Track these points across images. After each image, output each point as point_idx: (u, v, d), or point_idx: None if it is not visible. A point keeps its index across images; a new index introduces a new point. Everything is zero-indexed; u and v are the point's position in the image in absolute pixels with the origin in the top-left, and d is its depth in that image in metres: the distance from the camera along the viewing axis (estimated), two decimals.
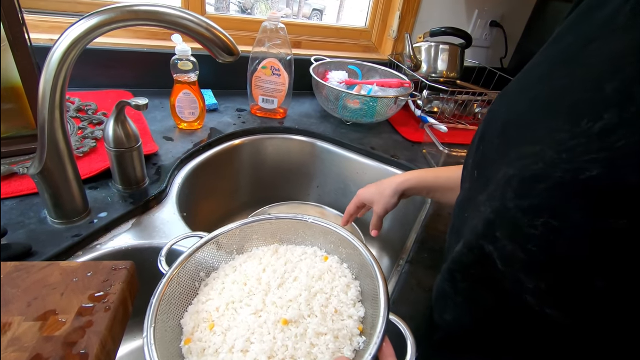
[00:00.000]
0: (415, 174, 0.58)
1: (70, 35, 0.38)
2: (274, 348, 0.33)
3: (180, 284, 0.39)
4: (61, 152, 0.44)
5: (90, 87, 0.84)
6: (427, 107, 0.97)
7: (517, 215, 0.23)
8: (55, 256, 0.44)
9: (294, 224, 0.44)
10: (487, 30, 1.20)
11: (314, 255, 0.43)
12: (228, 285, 0.40)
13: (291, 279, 0.39)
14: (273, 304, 0.36)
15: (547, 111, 0.24)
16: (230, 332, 0.35)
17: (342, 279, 0.40)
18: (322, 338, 0.34)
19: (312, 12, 5.69)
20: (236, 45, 0.45)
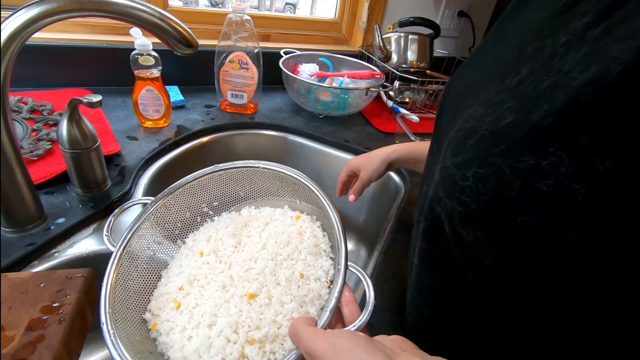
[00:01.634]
0: (405, 145, 0.59)
1: (8, 28, 0.35)
2: (239, 320, 0.33)
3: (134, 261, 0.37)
4: (8, 155, 0.41)
5: (46, 87, 0.79)
6: (399, 98, 0.97)
7: (453, 172, 0.26)
8: (6, 268, 0.41)
9: (245, 172, 0.43)
10: (455, 20, 1.21)
11: (284, 215, 0.42)
12: (190, 262, 0.39)
13: (259, 246, 0.38)
14: (239, 278, 0.36)
15: (486, 78, 0.28)
16: (197, 309, 0.35)
17: (310, 240, 0.39)
18: (286, 306, 0.34)
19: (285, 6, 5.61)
20: (195, 37, 0.43)
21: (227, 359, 0.31)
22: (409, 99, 0.96)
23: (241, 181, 0.44)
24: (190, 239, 0.42)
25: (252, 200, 0.45)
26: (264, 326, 0.32)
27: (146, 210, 0.39)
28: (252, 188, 0.44)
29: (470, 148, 0.25)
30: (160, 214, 0.41)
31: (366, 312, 0.30)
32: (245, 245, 0.39)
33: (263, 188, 0.44)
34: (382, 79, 0.90)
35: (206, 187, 0.43)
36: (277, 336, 0.32)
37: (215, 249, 0.39)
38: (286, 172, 0.41)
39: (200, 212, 0.44)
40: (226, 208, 0.45)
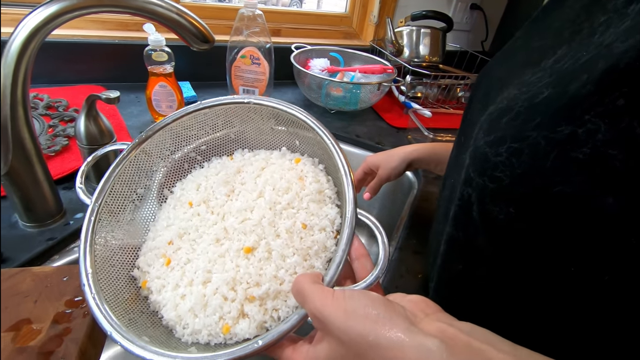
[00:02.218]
0: (425, 145, 0.58)
1: (29, 25, 0.36)
2: (237, 277, 0.30)
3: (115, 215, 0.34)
4: (28, 151, 0.41)
5: (60, 83, 0.80)
6: (411, 93, 0.96)
7: (485, 150, 0.26)
8: (28, 262, 0.42)
9: (234, 111, 0.37)
10: (467, 13, 1.19)
11: (283, 158, 0.37)
12: (178, 214, 0.35)
13: (255, 194, 0.34)
14: (234, 230, 0.32)
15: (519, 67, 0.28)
16: (190, 265, 0.32)
17: (313, 185, 0.34)
18: (288, 260, 0.30)
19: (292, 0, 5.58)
20: (211, 32, 0.42)
21: (226, 318, 0.29)
22: (421, 94, 0.95)
23: (231, 121, 0.39)
24: (178, 188, 0.38)
25: (244, 142, 0.40)
26: (264, 282, 0.29)
27: (123, 158, 0.36)
28: (244, 129, 0.39)
29: (504, 125, 0.25)
30: (141, 162, 0.37)
31: (379, 266, 0.27)
32: (239, 193, 0.35)
33: (256, 128, 0.39)
34: (394, 73, 0.89)
35: (191, 128, 0.38)
36: (279, 293, 0.29)
37: (205, 199, 0.36)
38: (282, 108, 0.35)
39: (187, 158, 0.39)
40: (216, 153, 0.40)
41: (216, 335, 0.29)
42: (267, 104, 0.36)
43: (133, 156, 0.36)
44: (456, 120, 0.93)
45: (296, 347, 0.26)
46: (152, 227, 0.36)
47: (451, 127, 0.88)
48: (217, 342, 0.29)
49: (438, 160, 0.56)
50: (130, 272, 0.34)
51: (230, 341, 0.29)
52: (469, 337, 0.19)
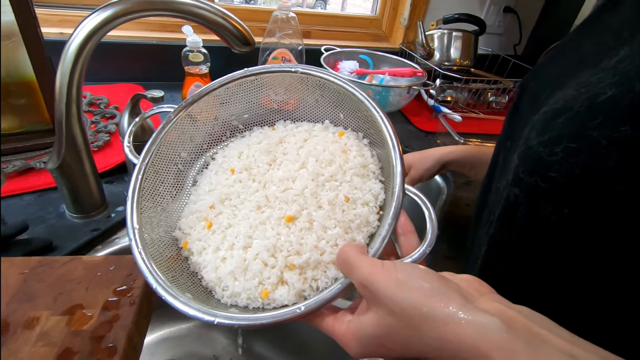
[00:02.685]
0: (460, 147, 0.57)
1: (86, 28, 0.38)
2: (277, 244, 0.30)
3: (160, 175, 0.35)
4: (79, 146, 0.43)
5: (101, 81, 0.83)
6: (441, 97, 0.95)
7: (538, 150, 0.25)
8: (75, 251, 0.44)
9: (280, 80, 0.38)
10: (500, 16, 1.17)
11: (326, 131, 0.37)
12: (220, 179, 0.36)
13: (297, 165, 0.34)
14: (276, 199, 0.33)
15: (574, 69, 0.28)
16: (231, 230, 0.33)
17: (357, 159, 0.34)
18: (330, 232, 0.30)
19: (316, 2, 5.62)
20: (252, 35, 0.44)
21: (265, 283, 0.29)
22: (451, 98, 0.94)
23: (275, 90, 0.39)
24: (220, 155, 0.38)
25: (287, 113, 0.40)
26: (304, 252, 0.29)
27: (170, 120, 0.37)
28: (288, 98, 0.39)
29: (560, 125, 0.25)
30: (186, 126, 0.38)
31: (426, 242, 0.26)
32: (281, 163, 0.35)
33: (300, 98, 0.38)
34: (423, 76, 0.89)
35: (235, 96, 0.38)
36: (319, 263, 0.29)
37: (247, 167, 0.36)
38: (329, 78, 0.35)
39: (230, 126, 0.40)
40: (258, 122, 0.40)
41: (254, 299, 0.29)
42: (315, 74, 0.36)
43: (179, 119, 0.37)
44: (487, 125, 0.92)
45: (337, 317, 0.26)
46: (193, 191, 0.37)
47: (482, 132, 0.87)
48: (255, 306, 0.30)
49: (473, 163, 0.55)
50: (172, 233, 0.35)
51: (268, 306, 0.29)
52: (529, 320, 0.19)
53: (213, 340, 0.57)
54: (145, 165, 0.34)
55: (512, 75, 0.98)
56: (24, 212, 0.48)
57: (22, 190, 0.51)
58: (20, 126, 0.59)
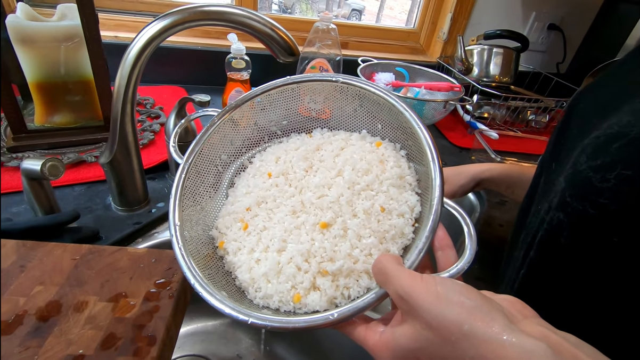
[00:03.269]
0: (498, 166, 0.55)
1: (146, 35, 0.40)
2: (311, 250, 0.30)
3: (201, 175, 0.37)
4: (129, 144, 0.46)
5: (148, 83, 0.88)
6: (477, 113, 0.93)
7: (589, 175, 0.25)
8: (119, 241, 0.47)
9: (320, 89, 0.38)
10: (544, 33, 1.14)
11: (363, 141, 0.37)
12: (257, 182, 0.37)
13: (334, 172, 0.35)
14: (312, 205, 0.33)
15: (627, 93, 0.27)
16: (266, 233, 0.33)
17: (394, 170, 0.34)
18: (364, 240, 0.30)
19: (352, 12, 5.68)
20: (297, 45, 0.45)
21: (298, 287, 0.30)
22: (488, 114, 0.92)
23: (314, 99, 0.40)
24: (257, 159, 0.39)
25: (324, 121, 0.40)
26: (338, 259, 0.30)
27: (213, 123, 0.38)
28: (326, 107, 0.40)
29: (614, 151, 0.24)
30: (228, 129, 0.39)
31: (465, 258, 0.25)
32: (317, 170, 0.36)
33: (338, 107, 0.39)
34: (461, 92, 0.87)
35: (276, 102, 0.40)
36: (352, 271, 0.29)
37: (284, 172, 0.36)
38: (370, 89, 0.35)
39: (268, 132, 0.41)
40: (296, 129, 0.41)
41: (287, 302, 0.30)
42: (356, 84, 0.36)
43: (222, 123, 0.39)
44: (525, 144, 0.89)
45: (369, 327, 0.25)
46: (231, 193, 0.38)
47: (519, 151, 0.84)
48: (286, 310, 0.30)
49: (511, 182, 0.53)
50: (209, 232, 0.36)
51: (299, 310, 0.30)
52: (576, 348, 0.18)
53: (237, 339, 0.58)
54: (189, 165, 0.36)
55: (554, 95, 0.95)
56: (75, 202, 0.51)
57: (74, 181, 0.54)
58: (75, 121, 0.63)
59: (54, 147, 0.60)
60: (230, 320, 0.60)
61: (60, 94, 0.61)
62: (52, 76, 0.59)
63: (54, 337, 0.29)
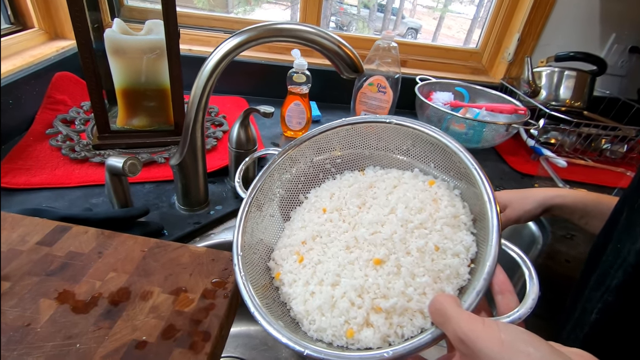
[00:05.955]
0: (572, 192, 0.50)
1: (223, 50, 0.44)
2: (365, 285, 0.31)
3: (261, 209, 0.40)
4: (197, 149, 0.50)
5: (215, 93, 0.94)
6: (543, 138, 0.88)
7: None
8: (179, 238, 0.50)
9: (374, 128, 0.40)
10: (625, 56, 1.05)
11: (415, 179, 0.38)
12: (312, 217, 0.38)
13: (387, 210, 0.35)
14: (365, 241, 0.34)
15: None
16: (321, 266, 0.34)
17: (448, 209, 0.34)
18: (418, 279, 0.30)
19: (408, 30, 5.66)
20: (362, 62, 0.46)
21: (351, 323, 0.30)
22: (556, 140, 0.86)
23: (368, 138, 0.41)
24: (313, 195, 0.41)
25: (377, 159, 0.42)
26: (392, 296, 0.30)
27: (274, 161, 0.41)
28: (380, 146, 0.41)
29: None
30: (286, 166, 0.42)
31: (527, 304, 0.25)
32: (370, 207, 0.36)
33: (391, 147, 0.40)
34: (526, 115, 0.83)
35: (331, 142, 0.42)
36: (406, 310, 0.29)
37: (338, 207, 0.38)
38: (423, 130, 0.36)
39: (323, 169, 0.43)
40: (349, 167, 0.43)
41: (340, 337, 0.30)
42: (409, 125, 0.37)
43: (281, 160, 0.41)
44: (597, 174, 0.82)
45: None
46: (287, 226, 0.40)
47: (589, 182, 0.77)
48: (339, 344, 0.30)
49: (585, 212, 0.47)
50: (267, 262, 0.38)
51: (352, 346, 0.29)
52: None
53: (278, 347, 0.59)
54: (251, 199, 0.39)
55: (634, 123, 0.87)
56: (144, 198, 0.56)
57: (145, 179, 0.59)
58: (150, 125, 0.69)
59: (130, 147, 0.66)
60: None
61: (140, 99, 0.67)
62: (135, 83, 0.65)
63: (122, 321, 0.31)
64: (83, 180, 0.56)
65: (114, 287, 0.34)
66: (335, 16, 5.41)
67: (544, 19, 0.98)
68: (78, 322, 0.31)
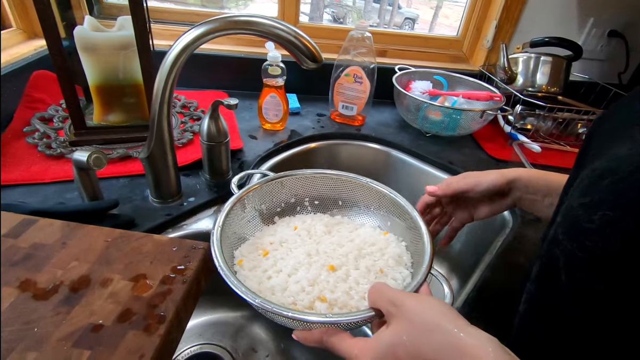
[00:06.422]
0: (535, 170, 0.47)
1: (182, 42, 0.44)
2: (317, 280, 0.38)
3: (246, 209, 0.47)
4: (165, 141, 0.51)
5: (194, 88, 0.95)
6: (519, 124, 0.89)
7: (578, 213, 0.24)
8: (150, 229, 0.51)
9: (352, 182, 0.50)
10: (603, 40, 1.05)
11: (373, 229, 0.48)
12: (284, 230, 0.46)
13: (348, 239, 0.44)
14: (325, 253, 0.41)
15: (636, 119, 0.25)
16: (282, 261, 0.41)
17: (395, 250, 0.43)
18: (361, 286, 0.38)
19: (405, 21, 5.62)
20: (321, 53, 0.47)
21: (298, 303, 0.36)
22: (532, 126, 0.87)
23: (345, 190, 0.51)
24: (288, 217, 0.50)
25: (347, 212, 0.52)
26: (337, 292, 0.36)
27: (268, 179, 0.48)
28: (353, 198, 0.51)
29: (604, 189, 0.22)
30: (275, 188, 0.49)
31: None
32: (334, 235, 0.45)
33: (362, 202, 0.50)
34: (501, 101, 0.84)
35: (315, 184, 0.51)
36: (346, 305, 0.36)
37: (308, 229, 0.46)
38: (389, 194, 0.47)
39: (302, 204, 0.51)
40: (323, 209, 0.51)
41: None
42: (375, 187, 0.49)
43: (274, 183, 0.49)
44: (571, 158, 0.82)
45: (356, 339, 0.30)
46: (258, 232, 0.47)
47: (564, 166, 0.79)
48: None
49: (548, 190, 0.43)
50: (234, 251, 0.43)
51: None
52: None
53: (254, 333, 0.61)
54: (237, 199, 0.45)
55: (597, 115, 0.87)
56: (118, 191, 0.57)
57: (120, 173, 0.60)
58: (127, 120, 0.70)
59: (107, 142, 0.67)
60: (248, 314, 0.63)
61: (116, 96, 0.68)
62: (111, 80, 0.66)
63: (81, 306, 0.33)
64: (58, 176, 0.58)
65: (75, 276, 0.35)
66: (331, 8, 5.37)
67: (521, 4, 0.98)
68: (37, 308, 0.32)
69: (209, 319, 0.61)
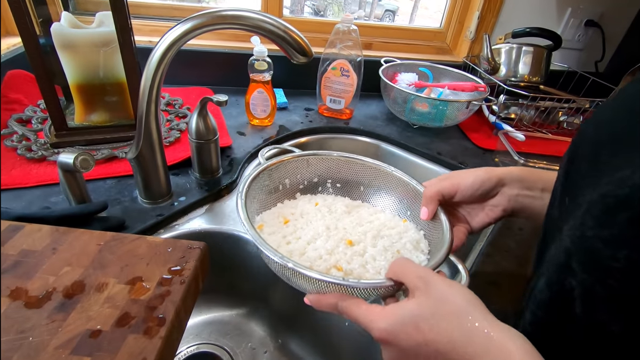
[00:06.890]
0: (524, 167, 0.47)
1: (169, 39, 0.43)
2: (335, 250, 0.38)
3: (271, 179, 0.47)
4: (154, 141, 0.50)
5: (178, 84, 0.93)
6: (504, 114, 0.90)
7: (598, 247, 0.21)
8: (142, 231, 0.50)
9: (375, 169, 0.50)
10: (581, 30, 1.08)
11: (392, 215, 0.48)
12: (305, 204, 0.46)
13: (368, 219, 0.44)
14: (344, 229, 0.42)
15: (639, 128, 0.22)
16: (301, 230, 0.42)
17: (413, 236, 0.43)
18: (377, 262, 0.38)
19: (385, 13, 5.63)
20: (310, 47, 0.46)
21: (314, 267, 0.36)
22: (516, 115, 0.89)
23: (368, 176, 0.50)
24: (309, 196, 0.50)
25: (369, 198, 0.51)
26: (353, 264, 0.37)
27: (295, 155, 0.49)
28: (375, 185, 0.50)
29: (623, 224, 0.20)
30: (301, 165, 0.49)
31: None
32: (354, 215, 0.46)
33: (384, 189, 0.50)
34: (486, 92, 0.85)
35: (340, 167, 0.50)
36: (361, 277, 0.36)
37: (329, 206, 0.46)
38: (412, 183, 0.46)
39: (324, 184, 0.51)
40: (347, 195, 0.51)
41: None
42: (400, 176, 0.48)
43: (301, 158, 0.49)
44: (555, 146, 0.85)
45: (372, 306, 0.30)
46: (280, 204, 0.48)
47: (548, 154, 0.81)
48: None
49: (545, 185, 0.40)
50: (256, 215, 0.44)
51: None
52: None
53: (252, 331, 0.61)
54: (263, 169, 0.45)
55: (591, 95, 0.90)
56: (106, 193, 0.56)
57: (106, 175, 0.59)
58: (110, 120, 0.68)
59: (90, 143, 0.65)
60: (245, 312, 0.62)
61: (98, 94, 0.66)
62: (92, 78, 0.64)
63: (77, 312, 0.32)
64: (41, 179, 0.56)
65: (69, 281, 0.34)
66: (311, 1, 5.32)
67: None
68: (31, 316, 0.31)
69: (205, 319, 0.61)
